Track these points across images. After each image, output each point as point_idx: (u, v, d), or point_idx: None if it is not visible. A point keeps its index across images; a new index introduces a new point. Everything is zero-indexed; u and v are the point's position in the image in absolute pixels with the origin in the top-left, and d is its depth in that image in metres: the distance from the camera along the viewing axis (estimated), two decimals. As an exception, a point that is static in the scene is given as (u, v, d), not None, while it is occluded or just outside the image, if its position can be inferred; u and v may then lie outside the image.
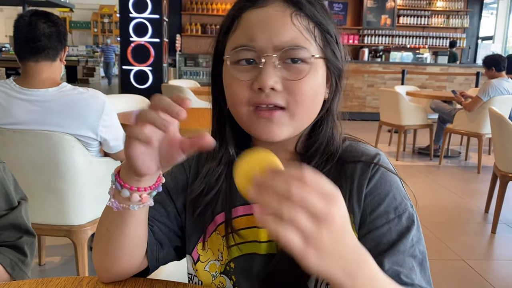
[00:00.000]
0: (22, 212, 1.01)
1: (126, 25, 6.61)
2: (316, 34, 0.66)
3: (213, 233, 0.74)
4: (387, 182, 0.67)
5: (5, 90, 1.70)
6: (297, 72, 0.64)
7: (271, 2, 0.66)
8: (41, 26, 1.69)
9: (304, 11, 0.65)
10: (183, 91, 4.17)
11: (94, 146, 1.81)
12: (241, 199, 0.72)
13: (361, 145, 0.73)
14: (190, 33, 10.27)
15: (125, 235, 0.66)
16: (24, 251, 0.98)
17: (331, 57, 0.68)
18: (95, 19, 19.46)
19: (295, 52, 0.64)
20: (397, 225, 0.64)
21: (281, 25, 0.64)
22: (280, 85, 0.64)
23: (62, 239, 1.97)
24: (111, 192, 0.62)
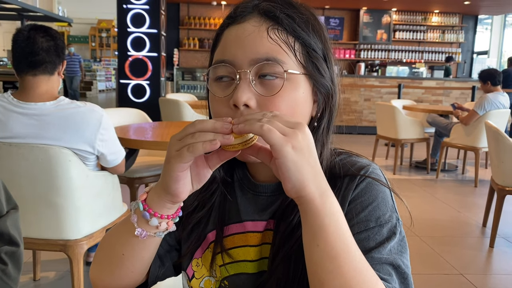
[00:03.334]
0: (8, 222, 1.00)
1: (124, 40, 6.64)
2: (297, 48, 0.65)
3: (206, 250, 0.73)
4: (373, 192, 0.66)
5: (2, 103, 1.70)
6: (271, 87, 0.63)
7: (249, 17, 0.65)
8: (40, 40, 1.70)
9: (283, 25, 0.64)
10: (180, 105, 4.18)
11: (91, 160, 1.81)
12: (233, 217, 0.72)
13: (353, 158, 0.72)
14: (188, 48, 10.35)
15: (141, 259, 0.66)
16: (3, 260, 0.97)
17: (315, 73, 0.66)
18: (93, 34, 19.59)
19: (269, 66, 0.62)
20: (376, 234, 0.63)
21: (257, 39, 0.63)
22: (254, 101, 0.63)
23: (57, 254, 1.96)
24: (134, 219, 0.62)
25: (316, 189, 0.54)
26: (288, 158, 0.52)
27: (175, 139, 0.56)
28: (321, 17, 0.72)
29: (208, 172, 0.60)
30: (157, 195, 0.60)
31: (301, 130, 0.53)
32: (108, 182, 1.94)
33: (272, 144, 0.52)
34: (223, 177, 0.74)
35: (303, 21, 0.66)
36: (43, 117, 1.69)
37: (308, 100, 0.67)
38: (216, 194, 0.74)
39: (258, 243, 0.70)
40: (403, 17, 10.89)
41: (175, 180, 0.57)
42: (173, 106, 4.28)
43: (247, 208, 0.72)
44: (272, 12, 0.64)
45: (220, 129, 0.54)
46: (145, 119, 3.27)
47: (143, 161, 2.97)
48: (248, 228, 0.71)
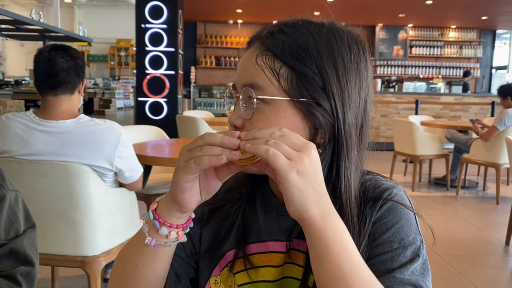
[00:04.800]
0: (24, 241, 1.01)
1: (142, 58, 6.77)
2: (282, 74, 0.64)
3: (225, 268, 0.73)
4: (396, 213, 0.65)
5: (24, 121, 1.74)
6: (249, 111, 0.65)
7: (252, 44, 0.69)
8: (60, 61, 1.74)
9: (272, 51, 0.64)
10: (197, 122, 4.22)
11: (109, 177, 1.83)
12: (254, 237, 0.72)
13: (378, 179, 0.71)
14: (205, 65, 10.49)
15: (153, 270, 0.66)
16: (18, 280, 0.97)
17: (300, 101, 0.64)
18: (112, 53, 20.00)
19: (245, 91, 0.65)
20: (400, 255, 0.62)
21: (246, 65, 0.67)
22: (240, 123, 0.67)
23: (75, 270, 1.97)
24: (145, 229, 0.63)
25: (319, 211, 0.54)
26: (292, 184, 0.53)
27: (185, 150, 0.58)
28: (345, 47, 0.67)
29: (217, 184, 0.61)
30: (166, 204, 0.61)
31: (307, 153, 0.54)
32: (126, 198, 1.96)
33: (277, 169, 0.53)
34: (246, 195, 0.75)
35: (297, 48, 0.64)
36: (64, 134, 1.73)
37: (295, 126, 0.64)
38: (238, 212, 0.75)
39: (280, 263, 0.70)
40: (420, 33, 10.86)
41: (181, 191, 0.58)
42: (190, 123, 4.32)
43: (270, 228, 0.72)
44: (266, 38, 0.66)
45: (227, 144, 0.56)
46: (163, 136, 3.31)
47: (161, 177, 2.99)
48: (271, 248, 0.70)
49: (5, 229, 0.99)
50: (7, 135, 1.75)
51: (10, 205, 1.00)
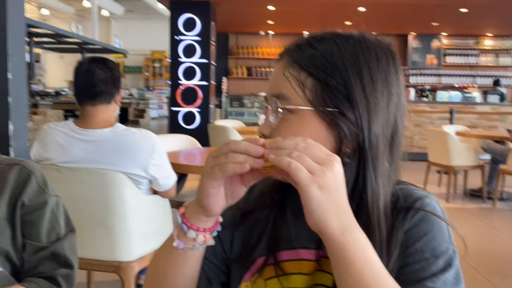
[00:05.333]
0: (65, 244, 1.06)
1: (176, 69, 6.93)
2: (308, 85, 0.66)
3: (255, 274, 0.74)
4: (429, 222, 0.65)
5: (65, 130, 1.83)
6: (279, 120, 0.68)
7: (283, 57, 0.71)
8: (98, 72, 1.82)
9: (299, 62, 0.67)
10: (229, 131, 4.27)
11: (144, 184, 1.89)
12: (285, 243, 0.73)
13: (410, 189, 0.71)
14: (236, 76, 10.61)
15: (182, 273, 0.68)
16: (59, 282, 1.02)
17: (325, 111, 0.65)
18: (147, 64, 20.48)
19: (279, 101, 0.67)
20: (431, 264, 0.62)
21: (275, 76, 0.70)
22: (268, 132, 0.69)
23: (110, 275, 2.03)
24: (175, 233, 0.65)
25: (338, 225, 0.55)
26: (312, 198, 0.53)
27: (211, 156, 0.60)
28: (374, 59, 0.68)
29: (242, 190, 0.63)
30: (193, 208, 0.63)
31: (330, 167, 0.54)
32: (160, 205, 2.01)
33: (298, 183, 0.53)
34: (277, 201, 0.76)
35: (324, 57, 0.66)
36: (101, 143, 1.80)
37: (320, 136, 0.65)
38: (269, 218, 0.76)
39: (311, 271, 0.70)
40: (454, 41, 10.64)
41: (207, 196, 0.60)
42: (222, 132, 4.38)
43: (300, 235, 0.72)
44: (295, 50, 0.69)
45: (251, 152, 0.57)
46: (195, 145, 3.37)
47: (193, 185, 3.05)
48: (302, 256, 0.71)
49: (47, 233, 1.04)
50: (48, 144, 1.84)
51: (52, 209, 1.06)
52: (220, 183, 0.60)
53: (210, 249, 0.78)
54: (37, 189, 1.04)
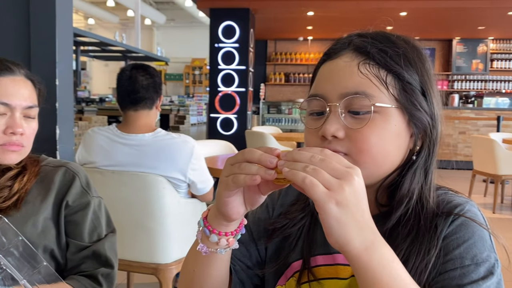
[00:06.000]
0: (106, 244, 1.09)
1: (215, 76, 7.03)
2: (389, 82, 0.65)
3: (290, 278, 0.74)
4: (469, 229, 0.64)
5: (108, 135, 1.89)
6: (360, 120, 0.64)
7: (342, 53, 0.68)
8: (140, 79, 1.87)
9: (374, 59, 0.66)
10: (266, 137, 4.29)
11: (182, 188, 1.92)
12: (321, 248, 0.72)
13: (450, 195, 0.70)
14: (274, 82, 10.63)
15: (210, 276, 0.69)
16: (99, 281, 1.05)
17: (409, 106, 0.66)
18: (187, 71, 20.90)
19: (357, 100, 0.64)
20: (472, 272, 0.60)
21: (347, 74, 0.66)
22: (343, 133, 0.64)
23: (149, 277, 2.07)
24: (199, 236, 0.66)
25: (361, 243, 0.52)
26: (330, 216, 0.50)
27: (228, 163, 0.59)
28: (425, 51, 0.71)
29: (260, 198, 0.62)
30: (214, 213, 0.63)
31: (349, 181, 0.51)
32: (197, 209, 2.04)
33: (314, 200, 0.51)
34: (313, 206, 0.75)
35: (398, 55, 0.66)
36: (142, 147, 1.85)
37: (402, 133, 0.66)
38: (304, 222, 0.75)
39: (348, 276, 0.69)
40: (502, 45, 10.22)
41: (224, 204, 0.60)
42: (259, 138, 4.40)
43: None
44: (364, 47, 0.66)
45: (264, 162, 0.55)
46: (232, 150, 3.40)
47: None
48: (339, 261, 0.70)
49: (89, 233, 1.08)
50: (92, 147, 1.91)
51: (94, 210, 1.09)
52: (236, 191, 0.59)
53: (245, 251, 0.78)
54: (81, 190, 1.08)
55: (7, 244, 0.56)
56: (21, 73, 1.06)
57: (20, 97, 1.03)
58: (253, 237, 0.79)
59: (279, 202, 0.81)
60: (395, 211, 0.67)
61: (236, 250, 0.76)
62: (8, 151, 1.02)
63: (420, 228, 0.65)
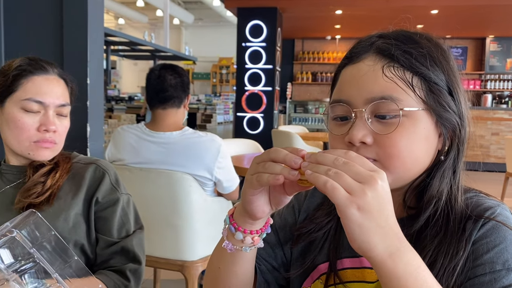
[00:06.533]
0: (134, 241, 1.11)
1: (242, 75, 7.05)
2: (416, 84, 0.64)
3: (316, 280, 0.73)
4: (500, 233, 0.62)
5: (137, 133, 1.92)
6: (388, 125, 0.63)
7: (365, 57, 0.66)
8: (168, 78, 1.90)
9: (399, 62, 0.64)
10: (292, 137, 4.27)
11: (209, 186, 1.94)
12: (347, 251, 0.72)
13: (481, 197, 0.68)
14: (301, 81, 10.58)
15: (235, 274, 0.69)
16: (127, 276, 1.07)
17: (437, 108, 0.64)
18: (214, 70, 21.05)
19: (384, 105, 0.62)
20: (503, 277, 0.58)
21: (372, 79, 0.64)
22: (371, 139, 0.63)
23: (175, 274, 2.09)
24: (224, 233, 0.66)
25: (385, 249, 0.50)
26: (352, 221, 0.50)
27: (254, 162, 0.59)
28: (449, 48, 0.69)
29: (285, 198, 0.61)
30: (240, 211, 0.63)
31: (372, 186, 0.50)
32: (223, 207, 2.05)
33: (336, 204, 0.50)
34: None
35: (422, 55, 0.65)
36: (170, 145, 1.87)
37: (431, 135, 0.65)
38: (332, 223, 0.75)
39: (375, 279, 0.68)
40: (538, 43, 9.86)
41: (248, 202, 0.60)
42: (285, 138, 4.39)
43: None
44: (387, 50, 0.65)
45: (288, 162, 0.55)
46: (259, 149, 3.40)
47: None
48: (366, 264, 0.69)
49: (118, 229, 1.10)
50: (122, 145, 1.95)
51: (123, 207, 1.12)
52: (260, 190, 0.59)
53: (271, 252, 0.78)
54: (110, 187, 1.10)
55: (40, 238, 0.57)
56: (55, 72, 1.09)
57: (53, 95, 1.06)
58: (279, 239, 0.79)
59: (305, 204, 0.80)
60: (423, 213, 0.66)
61: (262, 251, 0.76)
62: (42, 148, 1.05)
63: (448, 230, 0.64)
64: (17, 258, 0.55)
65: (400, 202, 0.68)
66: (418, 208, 0.67)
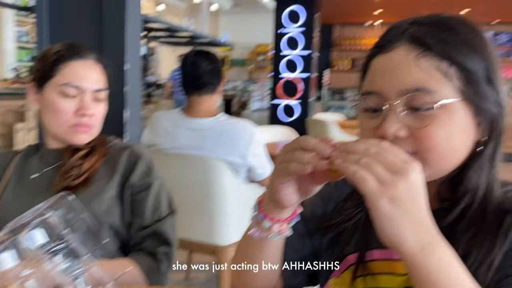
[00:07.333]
0: (166, 224, 1.13)
1: (278, 62, 7.00)
2: (452, 73, 0.60)
3: (345, 271, 0.73)
4: None
5: (172, 118, 1.96)
6: (423, 118, 0.59)
7: (397, 46, 0.62)
8: (202, 64, 1.91)
9: (434, 50, 0.60)
10: (328, 125, 4.22)
11: (242, 172, 1.95)
12: (377, 243, 0.71)
13: None
14: (339, 68, 10.41)
15: (261, 261, 0.70)
16: (159, 258, 1.09)
17: (475, 98, 0.61)
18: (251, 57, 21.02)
19: (418, 96, 0.59)
20: None
21: (405, 69, 0.60)
22: (405, 132, 0.60)
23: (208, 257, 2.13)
24: (252, 220, 0.66)
25: (417, 243, 0.49)
26: (381, 213, 0.48)
27: (284, 150, 0.58)
28: (488, 33, 0.65)
29: (314, 187, 0.60)
30: (268, 198, 0.63)
31: (404, 177, 0.48)
32: (256, 194, 2.05)
33: (365, 195, 0.49)
34: None
35: (459, 42, 0.61)
36: (204, 131, 1.89)
37: (468, 126, 0.62)
38: (362, 214, 0.73)
39: (405, 272, 0.66)
40: None
41: (276, 191, 0.59)
42: (321, 126, 4.34)
43: None
44: (421, 38, 0.61)
45: (318, 150, 0.54)
46: (294, 137, 3.38)
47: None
48: (395, 256, 0.68)
49: (151, 212, 1.13)
50: (158, 130, 1.99)
51: (156, 191, 1.14)
52: (288, 179, 0.58)
53: (299, 241, 0.77)
54: (144, 171, 1.12)
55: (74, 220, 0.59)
56: (92, 57, 1.12)
57: (90, 80, 1.09)
58: (308, 229, 0.79)
59: (335, 194, 0.79)
60: (458, 204, 0.64)
61: (290, 239, 0.76)
62: (79, 132, 1.08)
63: (484, 223, 0.61)
64: (51, 239, 0.57)
65: (433, 194, 0.66)
66: (453, 200, 0.65)
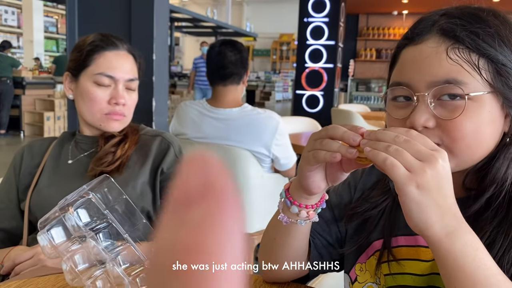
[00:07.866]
0: None
1: (302, 52, 6.96)
2: (482, 66, 0.61)
3: (371, 256, 0.74)
4: None
5: (198, 108, 1.99)
6: (452, 109, 0.60)
7: (427, 38, 0.63)
8: (228, 54, 1.93)
9: (464, 43, 0.61)
10: (352, 116, 4.20)
11: (266, 162, 1.97)
12: (403, 229, 0.72)
13: None
14: (364, 58, 10.28)
15: (289, 245, 0.72)
16: None
17: (505, 90, 0.61)
18: (275, 47, 20.90)
19: (449, 89, 0.60)
20: None
21: (435, 61, 0.61)
22: (433, 123, 0.61)
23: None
24: (280, 206, 0.68)
25: (442, 229, 0.50)
26: (410, 198, 0.50)
27: (312, 138, 0.60)
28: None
29: (342, 175, 0.62)
30: (296, 185, 0.65)
31: (432, 164, 0.50)
32: (280, 184, 2.08)
33: (394, 181, 0.50)
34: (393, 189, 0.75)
35: (490, 35, 0.61)
36: (229, 121, 1.92)
37: (497, 118, 0.62)
38: (387, 202, 0.75)
39: (430, 258, 0.68)
40: None
41: (304, 178, 0.61)
42: (345, 117, 4.31)
43: None
44: (452, 30, 0.62)
45: (347, 139, 0.55)
46: (317, 128, 3.38)
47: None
48: (420, 243, 0.69)
49: None
50: (184, 120, 2.02)
51: None
52: (317, 167, 0.60)
53: (325, 227, 0.80)
54: (175, 158, 1.16)
55: (113, 201, 0.63)
56: (124, 48, 1.15)
57: (123, 70, 1.12)
58: (334, 215, 0.80)
59: (361, 181, 0.81)
60: (484, 194, 0.64)
61: (317, 225, 0.78)
62: (112, 120, 1.12)
63: (509, 213, 0.62)
64: (93, 218, 0.61)
65: (459, 183, 0.67)
66: (478, 189, 0.66)
